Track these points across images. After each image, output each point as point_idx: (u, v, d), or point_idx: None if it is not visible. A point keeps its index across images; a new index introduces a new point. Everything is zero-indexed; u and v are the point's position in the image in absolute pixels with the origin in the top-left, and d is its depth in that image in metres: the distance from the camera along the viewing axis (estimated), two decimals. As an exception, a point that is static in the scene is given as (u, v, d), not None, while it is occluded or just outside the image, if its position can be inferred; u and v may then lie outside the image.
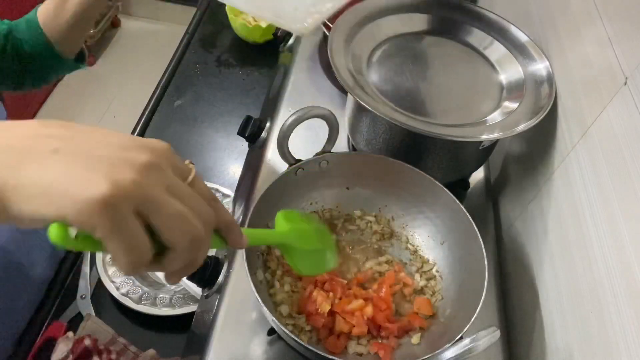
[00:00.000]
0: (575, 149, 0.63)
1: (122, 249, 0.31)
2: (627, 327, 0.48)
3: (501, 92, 0.74)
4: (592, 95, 0.60)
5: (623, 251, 0.50)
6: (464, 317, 0.57)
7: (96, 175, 0.30)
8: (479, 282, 0.58)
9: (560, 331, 0.61)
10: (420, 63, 0.78)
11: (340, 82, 0.67)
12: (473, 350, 0.50)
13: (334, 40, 0.73)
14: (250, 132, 0.85)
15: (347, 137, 0.83)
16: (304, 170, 0.68)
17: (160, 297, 0.89)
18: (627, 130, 0.52)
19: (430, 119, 0.69)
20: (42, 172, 0.30)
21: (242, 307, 0.64)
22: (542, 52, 0.75)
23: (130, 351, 0.83)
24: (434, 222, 0.69)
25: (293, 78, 0.94)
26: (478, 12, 0.82)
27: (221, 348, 0.61)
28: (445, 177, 0.72)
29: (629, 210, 0.51)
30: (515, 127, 0.66)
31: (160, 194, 0.33)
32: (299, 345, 0.54)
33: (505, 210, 0.83)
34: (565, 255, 0.62)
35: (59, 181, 0.30)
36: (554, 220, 0.66)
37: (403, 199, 0.71)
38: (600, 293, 0.53)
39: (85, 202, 0.29)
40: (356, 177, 0.71)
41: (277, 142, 0.64)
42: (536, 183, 0.72)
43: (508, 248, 0.79)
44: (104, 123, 2.35)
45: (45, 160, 0.31)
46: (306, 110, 0.63)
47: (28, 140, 0.31)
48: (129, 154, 0.32)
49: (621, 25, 0.57)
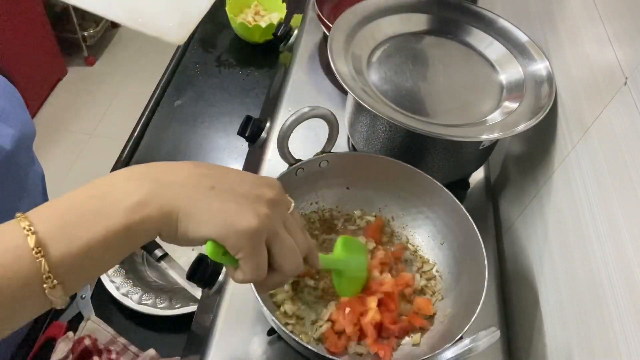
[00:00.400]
0: (575, 149, 0.63)
1: (253, 268, 0.42)
2: (627, 327, 0.48)
3: (501, 92, 0.74)
4: (592, 95, 0.60)
5: (623, 251, 0.50)
6: (464, 317, 0.57)
7: (246, 209, 0.40)
8: (479, 282, 0.58)
9: (560, 331, 0.61)
10: (420, 63, 0.78)
11: (340, 82, 0.67)
12: (473, 350, 0.50)
13: (334, 40, 0.73)
14: (250, 132, 0.85)
15: (347, 137, 0.83)
16: (304, 170, 0.68)
17: (160, 297, 0.89)
18: (627, 130, 0.52)
19: (430, 119, 0.69)
20: (206, 204, 0.40)
21: (242, 307, 0.64)
22: (542, 52, 0.75)
23: (130, 351, 0.83)
24: (434, 222, 0.69)
25: (293, 78, 0.94)
26: (478, 12, 0.82)
27: (221, 348, 0.61)
28: (445, 177, 0.72)
29: (629, 210, 0.51)
30: (515, 127, 0.66)
31: (281, 228, 0.43)
32: (299, 345, 0.54)
33: (505, 210, 0.83)
34: (565, 255, 0.62)
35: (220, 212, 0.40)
36: (554, 220, 0.66)
37: (403, 199, 0.71)
38: (600, 293, 0.53)
39: (240, 231, 0.40)
40: (356, 177, 0.71)
41: (277, 142, 0.64)
42: (536, 183, 0.72)
43: (508, 248, 0.79)
44: (104, 123, 2.35)
45: (206, 196, 0.40)
46: (306, 110, 0.63)
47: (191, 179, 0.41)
48: (261, 190, 0.43)
49: (621, 25, 0.57)
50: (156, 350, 0.82)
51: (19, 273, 0.35)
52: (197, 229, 0.40)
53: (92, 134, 2.33)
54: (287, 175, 0.66)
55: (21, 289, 0.35)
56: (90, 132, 2.33)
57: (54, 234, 0.36)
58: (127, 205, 0.38)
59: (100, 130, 2.33)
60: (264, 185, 0.44)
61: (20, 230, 0.36)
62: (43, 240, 0.36)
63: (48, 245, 0.36)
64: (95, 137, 2.32)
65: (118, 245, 0.38)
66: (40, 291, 0.36)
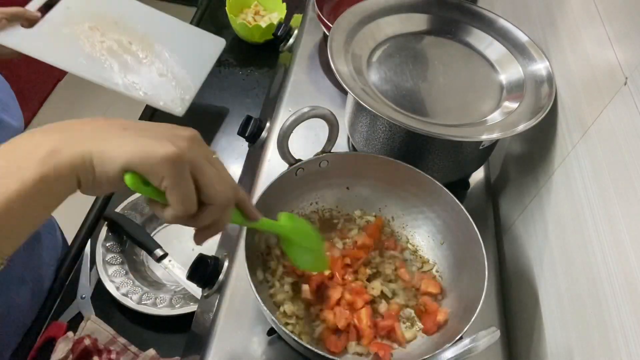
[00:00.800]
0: (575, 149, 0.63)
1: (180, 198, 0.40)
2: (626, 326, 0.48)
3: (501, 92, 0.74)
4: (592, 95, 0.60)
5: (623, 251, 0.50)
6: (464, 317, 0.57)
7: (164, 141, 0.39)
8: (479, 282, 0.58)
9: (560, 331, 0.61)
10: (420, 63, 0.78)
11: (340, 82, 0.67)
12: (473, 350, 0.50)
13: (334, 40, 0.73)
14: (250, 132, 0.85)
15: (347, 137, 0.83)
16: (304, 170, 0.68)
17: (160, 297, 0.89)
18: (627, 130, 0.52)
19: (430, 119, 0.69)
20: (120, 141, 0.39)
21: (242, 307, 0.64)
22: (542, 52, 0.75)
23: (130, 351, 0.83)
24: (434, 222, 0.69)
25: (293, 78, 0.94)
26: (478, 12, 0.82)
27: (221, 348, 0.61)
28: (445, 177, 0.72)
29: (629, 210, 0.51)
30: (515, 127, 0.66)
31: (204, 160, 0.42)
32: (299, 345, 0.54)
33: (505, 210, 0.83)
34: (565, 255, 0.62)
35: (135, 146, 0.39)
36: (554, 220, 0.66)
37: (403, 199, 0.71)
38: (600, 293, 0.53)
39: (159, 158, 0.39)
40: (356, 177, 0.71)
41: (277, 142, 0.64)
42: (536, 183, 0.72)
43: (508, 248, 0.79)
44: (104, 123, 2.34)
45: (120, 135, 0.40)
46: (306, 110, 0.63)
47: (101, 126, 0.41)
48: (177, 131, 0.43)
49: (621, 25, 0.57)
50: (156, 350, 0.82)
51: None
52: (112, 162, 0.38)
53: (92, 134, 2.32)
54: (287, 175, 0.66)
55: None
56: (90, 132, 2.33)
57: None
58: (38, 156, 0.37)
59: (100, 130, 2.33)
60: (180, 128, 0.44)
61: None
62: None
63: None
64: (95, 137, 2.32)
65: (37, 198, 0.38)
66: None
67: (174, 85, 1.07)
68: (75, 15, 1.08)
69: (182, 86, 1.09)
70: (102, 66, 1.03)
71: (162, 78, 1.07)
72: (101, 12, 1.12)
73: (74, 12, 1.08)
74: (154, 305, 0.88)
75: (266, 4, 1.47)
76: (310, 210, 0.72)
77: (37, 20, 1.02)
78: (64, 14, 1.07)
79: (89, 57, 1.04)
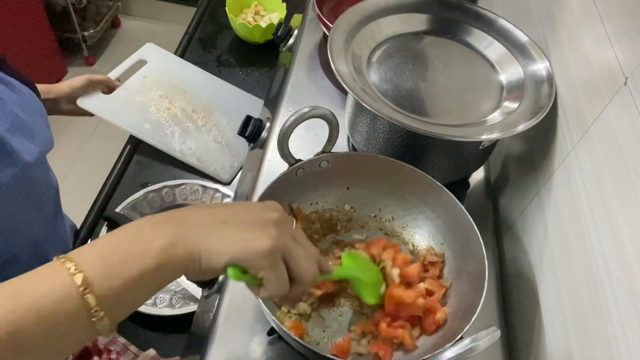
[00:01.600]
0: (575, 149, 0.63)
1: (275, 283, 0.46)
2: (627, 327, 0.48)
3: (501, 92, 0.74)
4: (592, 95, 0.60)
5: (623, 251, 0.50)
6: (464, 317, 0.57)
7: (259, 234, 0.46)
8: (479, 282, 0.58)
9: (560, 331, 0.61)
10: (420, 63, 0.78)
11: (340, 82, 0.67)
12: (473, 350, 0.50)
13: (334, 40, 0.73)
14: (250, 132, 0.85)
15: (347, 137, 0.83)
16: (304, 170, 0.67)
17: (160, 297, 0.89)
18: (627, 130, 0.52)
19: (430, 119, 0.69)
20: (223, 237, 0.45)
21: (242, 307, 0.64)
22: (542, 52, 0.75)
23: (130, 351, 0.83)
24: (434, 222, 0.69)
25: (293, 78, 0.94)
26: (478, 12, 0.82)
27: (221, 348, 0.61)
28: (445, 177, 0.72)
29: (629, 210, 0.51)
30: (515, 127, 0.66)
31: (292, 243, 0.48)
32: (299, 345, 0.54)
33: (505, 210, 0.83)
34: (565, 255, 0.62)
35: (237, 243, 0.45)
36: (554, 220, 0.66)
37: (403, 199, 0.71)
38: (600, 293, 0.53)
39: (258, 252, 0.45)
40: (356, 177, 0.71)
41: (277, 142, 0.64)
42: (536, 183, 0.72)
43: (508, 248, 0.79)
44: (104, 123, 2.34)
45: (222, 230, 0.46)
46: (306, 110, 0.63)
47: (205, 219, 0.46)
48: (266, 215, 0.48)
49: (621, 25, 0.57)
50: (156, 350, 0.82)
51: (68, 308, 0.39)
52: (219, 259, 0.45)
53: (92, 134, 2.33)
54: (287, 175, 0.66)
55: (70, 322, 0.40)
56: (90, 132, 2.33)
57: (97, 273, 0.41)
58: (157, 248, 0.43)
59: (100, 130, 2.33)
60: (267, 210, 0.49)
61: (65, 270, 0.40)
62: (88, 278, 0.40)
63: (93, 283, 0.40)
64: (95, 137, 2.32)
65: (151, 282, 0.44)
66: (88, 323, 0.40)
67: (225, 152, 1.17)
68: (150, 83, 1.23)
69: (232, 153, 1.17)
70: (164, 132, 1.16)
71: (217, 144, 1.17)
72: (173, 82, 1.25)
73: (148, 81, 1.23)
74: (154, 305, 0.88)
75: (266, 4, 1.47)
76: (310, 210, 0.71)
77: (116, 87, 1.17)
78: (140, 83, 1.22)
79: (155, 122, 1.16)
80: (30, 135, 0.72)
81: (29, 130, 0.72)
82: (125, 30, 2.82)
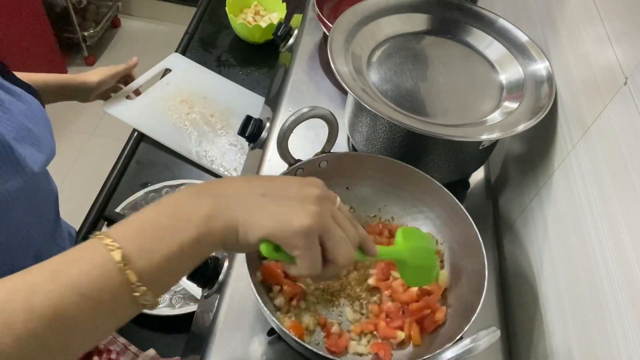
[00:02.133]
0: (575, 149, 0.63)
1: (308, 263, 0.45)
2: (627, 327, 0.48)
3: (501, 92, 0.74)
4: (592, 95, 0.60)
5: (623, 251, 0.50)
6: (464, 317, 0.57)
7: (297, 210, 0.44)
8: (479, 282, 0.58)
9: (560, 331, 0.61)
10: (420, 63, 0.78)
11: (340, 82, 0.67)
12: (473, 350, 0.50)
13: (334, 40, 0.73)
14: (250, 132, 0.85)
15: (347, 137, 0.83)
16: (304, 170, 0.67)
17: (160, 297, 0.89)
18: (627, 130, 0.52)
19: (430, 119, 0.69)
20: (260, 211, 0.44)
21: (242, 307, 0.64)
22: (542, 52, 0.75)
23: (130, 351, 0.83)
24: (434, 222, 0.69)
25: (293, 78, 0.94)
26: (478, 12, 0.82)
27: (221, 348, 0.61)
28: (445, 177, 0.72)
29: (628, 210, 0.51)
30: (515, 127, 0.66)
31: (331, 222, 0.46)
32: (299, 346, 0.54)
33: (505, 210, 0.83)
34: (565, 255, 0.62)
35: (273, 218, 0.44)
36: (554, 220, 0.66)
37: (403, 199, 0.71)
38: (600, 293, 0.53)
39: (294, 230, 0.43)
40: (356, 177, 0.71)
41: (277, 142, 0.64)
42: (536, 183, 0.72)
43: (508, 248, 0.79)
44: (104, 123, 2.35)
45: (259, 203, 0.45)
46: (306, 110, 0.63)
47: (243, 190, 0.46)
48: (307, 190, 0.46)
49: (621, 25, 0.57)
50: (156, 350, 0.82)
51: (110, 285, 0.39)
52: (255, 233, 0.44)
53: (92, 134, 2.33)
54: (287, 175, 0.66)
55: (113, 298, 0.40)
56: (90, 132, 2.33)
57: (136, 249, 0.41)
58: (196, 220, 0.43)
59: (100, 130, 2.33)
60: (309, 185, 0.48)
61: (102, 247, 0.40)
62: (127, 254, 0.40)
63: (132, 259, 0.40)
64: (95, 137, 2.32)
65: (190, 255, 0.43)
66: (130, 298, 0.41)
67: (240, 156, 1.18)
68: (172, 90, 1.27)
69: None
70: (182, 135, 1.19)
71: (232, 147, 1.19)
72: (194, 88, 1.29)
73: (171, 88, 1.28)
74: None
75: (266, 4, 1.47)
76: (310, 210, 0.71)
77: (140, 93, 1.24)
78: (163, 89, 1.27)
79: (174, 126, 1.20)
80: (36, 143, 0.72)
81: (36, 139, 0.72)
82: (125, 30, 2.82)
